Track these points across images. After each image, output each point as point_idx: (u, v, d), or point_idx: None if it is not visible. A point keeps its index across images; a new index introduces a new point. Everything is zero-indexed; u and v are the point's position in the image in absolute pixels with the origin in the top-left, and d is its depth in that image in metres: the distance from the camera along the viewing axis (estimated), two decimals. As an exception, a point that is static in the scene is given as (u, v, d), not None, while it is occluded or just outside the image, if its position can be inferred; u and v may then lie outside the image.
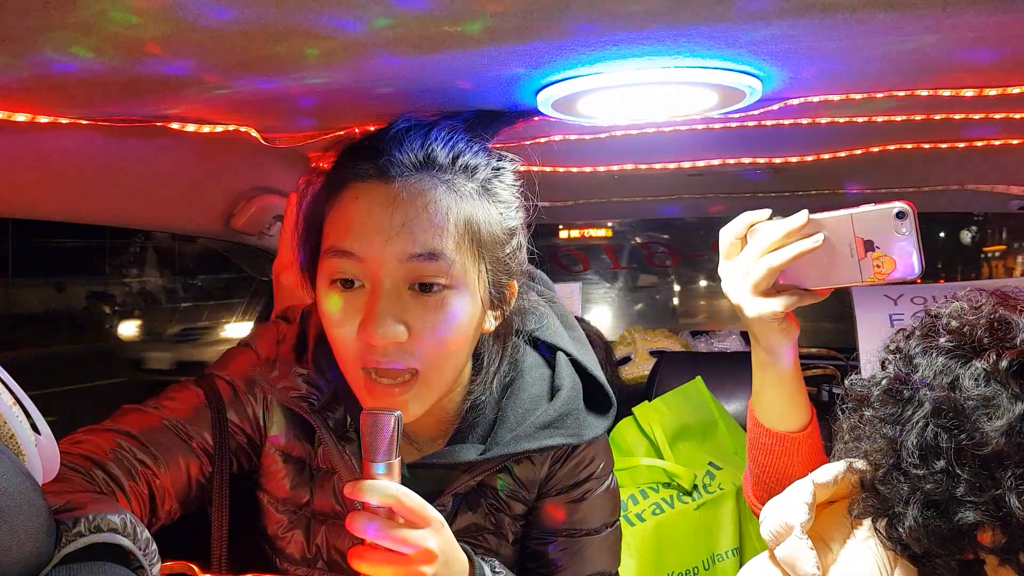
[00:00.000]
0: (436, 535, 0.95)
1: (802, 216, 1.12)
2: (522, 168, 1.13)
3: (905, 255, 1.06)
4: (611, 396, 1.19)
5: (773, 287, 1.15)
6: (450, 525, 1.12)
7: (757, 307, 1.15)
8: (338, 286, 0.98)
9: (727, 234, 1.19)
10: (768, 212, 1.16)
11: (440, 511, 1.10)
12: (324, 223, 1.02)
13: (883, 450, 0.94)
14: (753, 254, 1.15)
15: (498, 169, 1.06)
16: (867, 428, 0.97)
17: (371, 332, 0.95)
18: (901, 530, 0.91)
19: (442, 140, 1.00)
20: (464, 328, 1.01)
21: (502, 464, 1.14)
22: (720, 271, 1.21)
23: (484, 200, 1.03)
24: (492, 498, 1.17)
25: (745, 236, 1.17)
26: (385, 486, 0.92)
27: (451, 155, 1.00)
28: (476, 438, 1.12)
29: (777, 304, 1.14)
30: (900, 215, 1.06)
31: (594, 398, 1.19)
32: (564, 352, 1.20)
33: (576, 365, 1.19)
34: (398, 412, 0.94)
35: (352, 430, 1.11)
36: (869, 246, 1.08)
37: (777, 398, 1.26)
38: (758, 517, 1.34)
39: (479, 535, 1.16)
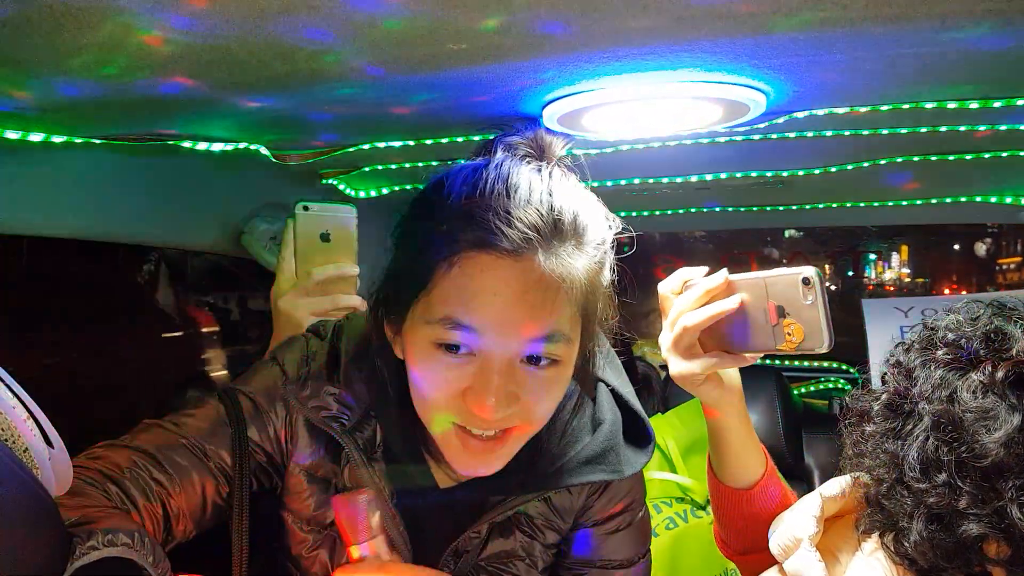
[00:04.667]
0: None
1: (720, 277, 1.11)
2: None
3: (812, 324, 1.02)
4: (650, 430, 1.17)
5: (702, 347, 1.14)
6: (482, 551, 1.12)
7: (677, 366, 1.15)
8: (443, 349, 0.95)
9: (663, 289, 1.18)
10: (705, 270, 1.15)
11: (473, 538, 1.10)
12: (431, 284, 0.95)
13: (885, 465, 0.94)
14: (675, 313, 1.14)
15: (599, 230, 1.01)
16: (869, 443, 0.97)
17: (485, 406, 0.92)
18: (907, 544, 0.90)
19: (564, 206, 0.95)
20: (562, 390, 1.01)
21: (541, 496, 1.13)
22: (663, 325, 1.20)
23: (591, 268, 0.98)
24: (527, 526, 1.15)
25: (682, 292, 1.16)
26: (368, 570, 0.94)
27: (572, 221, 0.95)
28: (514, 467, 1.09)
29: (696, 366, 1.13)
30: (805, 281, 1.02)
31: (633, 431, 1.17)
32: (605, 384, 1.18)
33: (615, 396, 1.18)
34: (368, 493, 0.95)
35: (380, 450, 1.10)
36: (781, 312, 1.05)
37: (722, 454, 1.27)
38: (727, 556, 1.35)
39: (509, 561, 1.15)
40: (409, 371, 1.00)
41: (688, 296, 1.13)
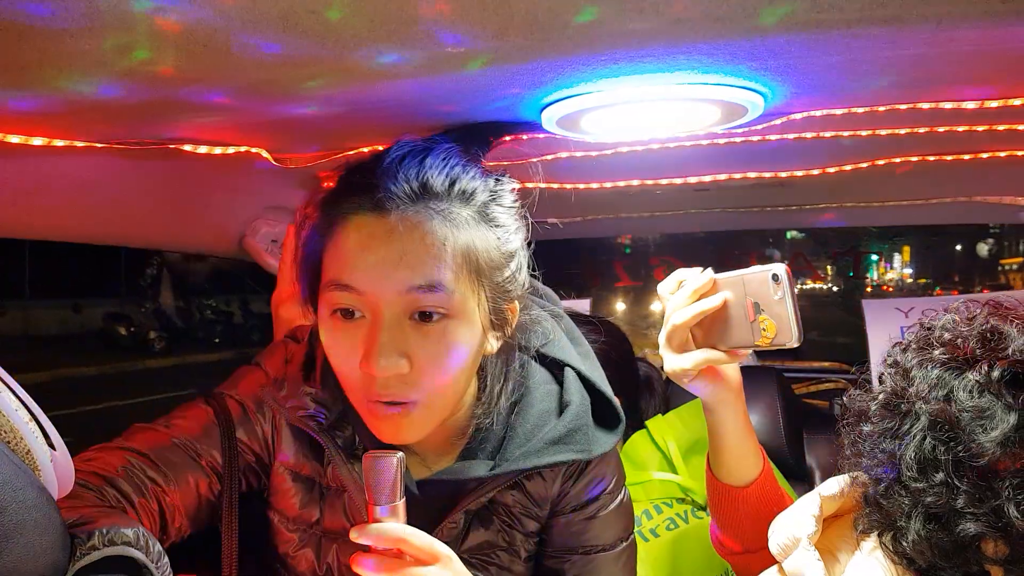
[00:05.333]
0: (446, 569, 0.96)
1: (705, 276, 1.16)
2: (530, 185, 1.15)
3: (782, 320, 1.06)
4: (619, 411, 1.20)
5: (695, 344, 1.18)
6: (463, 542, 1.13)
7: (670, 362, 1.19)
8: (339, 316, 0.99)
9: (661, 290, 1.23)
10: (700, 270, 1.19)
11: (452, 528, 1.11)
12: (322, 255, 1.02)
13: (883, 464, 0.94)
14: (668, 311, 1.19)
15: (495, 192, 1.06)
16: (867, 443, 0.98)
17: (373, 364, 0.94)
18: (905, 544, 0.91)
19: (437, 167, 1.00)
20: (464, 355, 1.01)
21: (513, 480, 1.14)
22: None
23: (482, 226, 1.02)
24: (504, 515, 1.17)
25: (677, 292, 1.21)
26: (391, 529, 0.93)
27: (447, 181, 1.00)
28: (485, 454, 1.13)
29: (686, 361, 1.17)
30: (774, 278, 1.06)
31: (602, 413, 1.20)
32: (572, 368, 1.21)
33: (584, 380, 1.20)
34: (400, 454, 0.94)
35: (360, 448, 1.12)
36: (757, 308, 1.09)
37: (720, 451, 1.29)
38: (722, 555, 1.36)
39: (491, 552, 1.17)
40: (324, 348, 1.04)
41: (679, 295, 1.17)
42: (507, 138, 1.19)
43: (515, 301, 1.10)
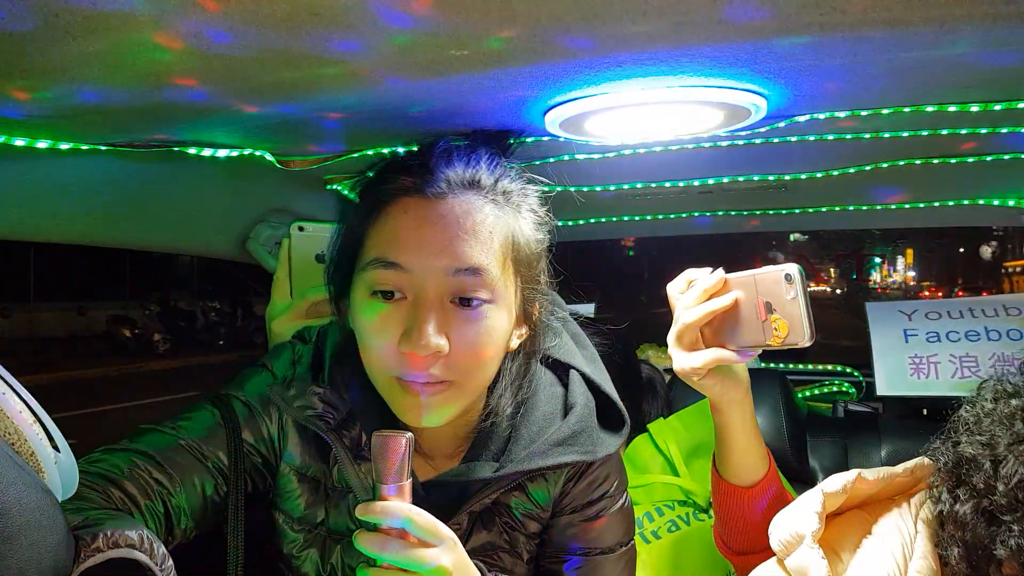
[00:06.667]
0: (449, 552, 0.96)
1: (716, 276, 1.17)
2: (543, 190, 1.16)
3: (795, 319, 1.06)
4: (624, 414, 1.20)
5: (706, 344, 1.18)
6: (465, 543, 1.13)
7: (679, 361, 1.20)
8: (379, 297, 1.00)
9: (670, 290, 1.23)
10: (709, 270, 1.20)
11: (455, 530, 1.11)
12: (366, 236, 1.04)
13: (999, 439, 0.89)
14: (678, 311, 1.19)
15: (528, 193, 1.10)
16: (1004, 411, 0.92)
17: (415, 343, 0.96)
18: (947, 506, 0.90)
19: (485, 163, 1.04)
20: (499, 341, 1.04)
21: (516, 482, 1.14)
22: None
23: (520, 220, 1.07)
24: (507, 516, 1.18)
25: (686, 291, 1.21)
26: (397, 507, 0.93)
27: (493, 178, 1.04)
28: (490, 456, 1.13)
29: (695, 360, 1.17)
30: (787, 278, 1.07)
31: (607, 416, 1.20)
32: (577, 370, 1.21)
33: (589, 383, 1.20)
34: (409, 434, 0.94)
35: (367, 449, 1.12)
36: (769, 308, 1.09)
37: (726, 450, 1.30)
38: (725, 555, 1.36)
39: (494, 553, 1.17)
40: (354, 329, 1.05)
41: (689, 295, 1.18)
42: (510, 141, 1.20)
43: (540, 299, 1.12)
